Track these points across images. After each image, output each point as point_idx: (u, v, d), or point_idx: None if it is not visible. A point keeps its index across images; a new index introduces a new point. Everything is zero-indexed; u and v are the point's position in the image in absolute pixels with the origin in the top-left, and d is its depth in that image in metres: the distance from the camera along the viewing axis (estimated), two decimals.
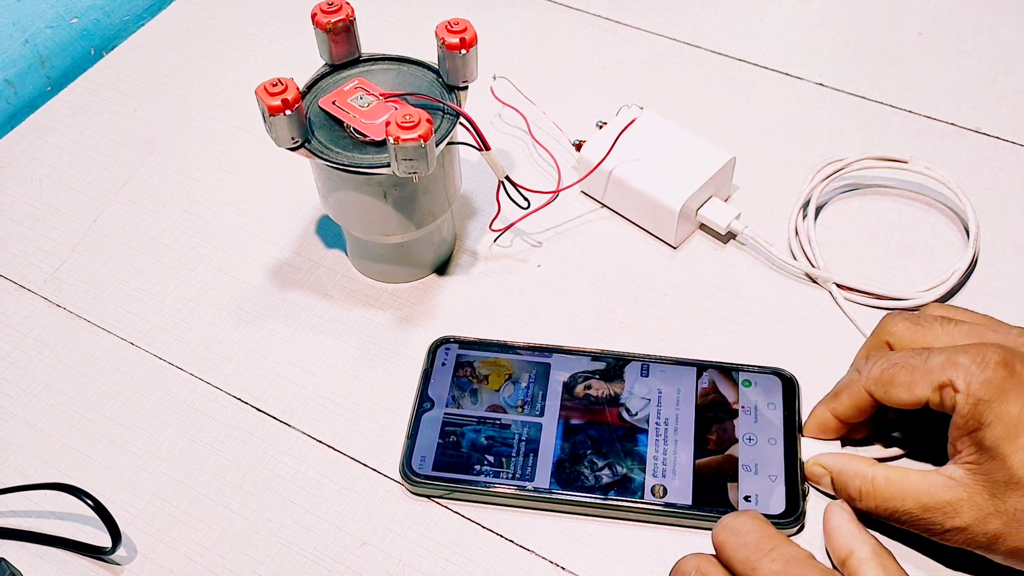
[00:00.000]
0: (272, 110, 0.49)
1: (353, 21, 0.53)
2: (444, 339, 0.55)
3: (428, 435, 0.51)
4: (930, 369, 0.44)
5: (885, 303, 0.56)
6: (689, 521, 0.48)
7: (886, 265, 0.58)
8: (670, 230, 0.58)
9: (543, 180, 0.63)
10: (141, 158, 0.67)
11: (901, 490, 0.45)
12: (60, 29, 0.76)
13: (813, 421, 0.50)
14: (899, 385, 0.45)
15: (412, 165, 0.49)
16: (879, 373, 0.46)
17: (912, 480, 0.45)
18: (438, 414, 0.52)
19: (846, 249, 0.59)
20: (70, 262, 0.61)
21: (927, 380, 0.44)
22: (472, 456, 0.50)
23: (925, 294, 0.55)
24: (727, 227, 0.58)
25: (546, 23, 0.74)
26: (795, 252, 0.58)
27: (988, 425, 0.42)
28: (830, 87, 0.68)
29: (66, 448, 0.53)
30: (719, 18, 0.73)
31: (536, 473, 0.49)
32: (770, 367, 0.52)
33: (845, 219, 0.60)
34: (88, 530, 0.50)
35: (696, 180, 0.58)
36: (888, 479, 0.45)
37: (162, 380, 0.56)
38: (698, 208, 0.59)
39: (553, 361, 0.53)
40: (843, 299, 0.56)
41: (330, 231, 0.62)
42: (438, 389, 0.53)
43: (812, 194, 0.60)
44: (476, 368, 0.53)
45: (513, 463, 0.50)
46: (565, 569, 0.48)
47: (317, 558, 0.49)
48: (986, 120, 0.65)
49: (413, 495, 0.50)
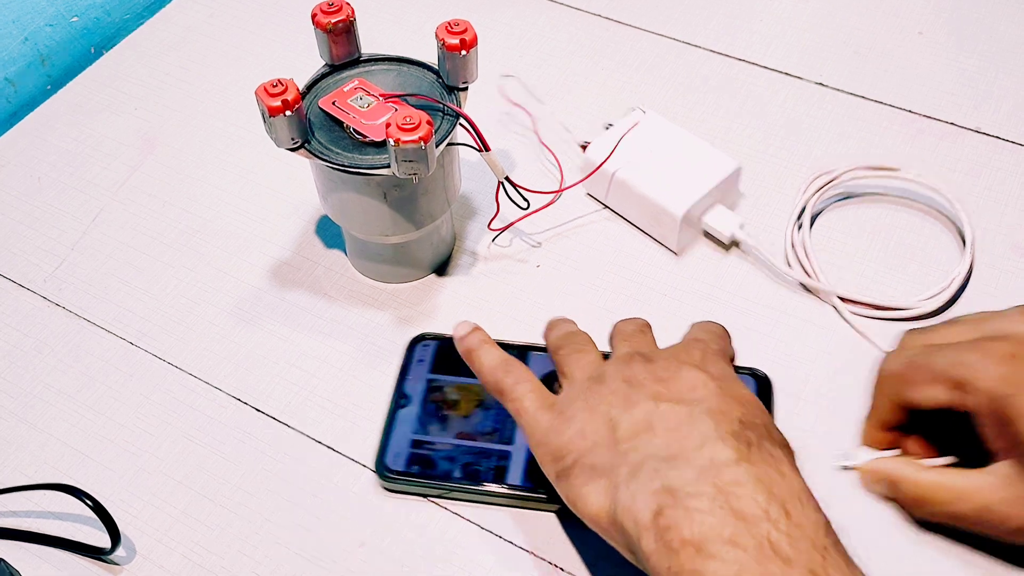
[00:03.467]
0: (272, 111, 0.49)
1: (353, 21, 0.53)
2: (421, 336, 0.55)
3: (403, 432, 0.51)
4: (937, 368, 0.44)
5: (887, 313, 0.55)
6: None
7: (884, 273, 0.58)
8: (672, 236, 0.58)
9: (547, 180, 0.63)
10: (141, 157, 0.67)
11: (958, 493, 0.44)
12: (60, 27, 0.76)
13: (864, 439, 0.50)
14: (909, 383, 0.45)
15: (412, 166, 0.48)
16: (889, 371, 0.47)
17: (966, 481, 0.44)
18: (414, 411, 0.52)
19: (843, 259, 0.58)
20: (69, 261, 0.61)
21: (937, 380, 0.44)
22: (446, 454, 0.50)
23: (927, 302, 0.55)
24: (730, 236, 0.58)
25: (547, 23, 0.74)
26: (791, 263, 0.58)
27: (1019, 418, 0.42)
28: (830, 87, 0.68)
29: (65, 448, 0.53)
30: (719, 17, 0.73)
31: (509, 472, 0.50)
32: (746, 367, 0.52)
33: (840, 229, 0.60)
34: (87, 530, 0.50)
35: (701, 188, 0.57)
36: (942, 484, 0.45)
37: (161, 380, 0.56)
38: (702, 215, 0.58)
39: (530, 361, 0.53)
40: (848, 312, 0.56)
41: (330, 231, 0.62)
42: (414, 386, 0.53)
43: (807, 205, 0.59)
44: (446, 394, 0.53)
45: (485, 463, 0.50)
46: (564, 570, 0.48)
47: (315, 559, 0.49)
48: (986, 120, 0.65)
49: (388, 492, 0.51)
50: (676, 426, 0.41)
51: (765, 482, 0.38)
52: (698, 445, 0.40)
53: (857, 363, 0.53)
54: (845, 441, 0.50)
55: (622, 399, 0.43)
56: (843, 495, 0.49)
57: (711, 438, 0.40)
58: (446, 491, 0.50)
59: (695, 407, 0.41)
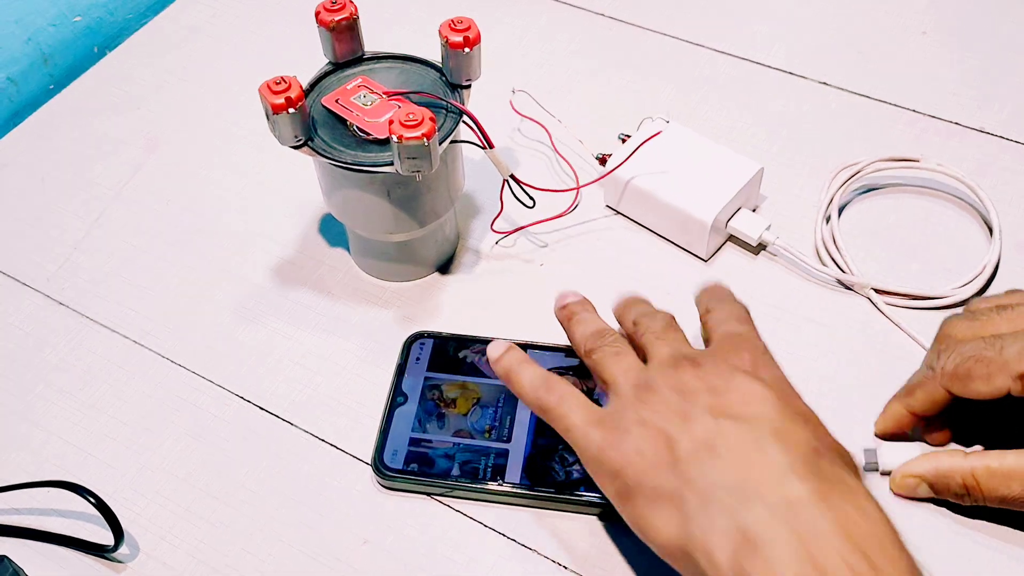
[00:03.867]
0: (275, 108, 0.49)
1: (356, 19, 0.53)
2: (418, 334, 0.55)
3: (401, 430, 0.51)
4: (1007, 360, 0.44)
5: (923, 303, 0.56)
6: None
7: (912, 264, 0.58)
8: (701, 243, 0.58)
9: (563, 197, 0.62)
10: (144, 156, 0.67)
11: (1005, 475, 0.45)
12: (63, 27, 0.76)
13: (889, 417, 0.50)
14: (977, 378, 0.45)
15: (415, 164, 0.48)
16: (953, 368, 0.46)
17: (1012, 462, 0.45)
18: (411, 409, 0.52)
19: (871, 251, 0.58)
20: (72, 260, 0.61)
21: (1006, 371, 0.44)
22: (444, 452, 0.50)
23: (962, 290, 0.55)
24: (758, 238, 0.58)
25: (549, 21, 0.74)
26: (824, 260, 0.58)
27: None
28: (834, 86, 0.68)
29: (68, 446, 0.53)
30: (723, 17, 0.73)
31: (507, 469, 0.50)
32: None
33: (866, 221, 0.60)
34: (91, 528, 0.50)
35: (726, 192, 0.57)
36: (988, 467, 0.45)
37: (164, 378, 0.56)
38: (728, 220, 0.58)
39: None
40: (883, 304, 0.56)
41: (333, 229, 0.62)
42: (412, 384, 0.53)
43: (833, 199, 0.59)
44: (444, 392, 0.53)
45: (483, 461, 0.50)
46: (568, 568, 0.48)
47: (319, 556, 0.49)
48: (990, 119, 0.65)
49: (386, 489, 0.50)
50: (741, 450, 0.40)
51: (845, 526, 0.37)
52: (769, 478, 0.38)
53: (896, 356, 0.53)
54: None
55: (676, 413, 0.41)
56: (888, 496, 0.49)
57: (783, 470, 0.38)
58: (444, 489, 0.50)
59: (758, 427, 0.40)
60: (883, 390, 0.51)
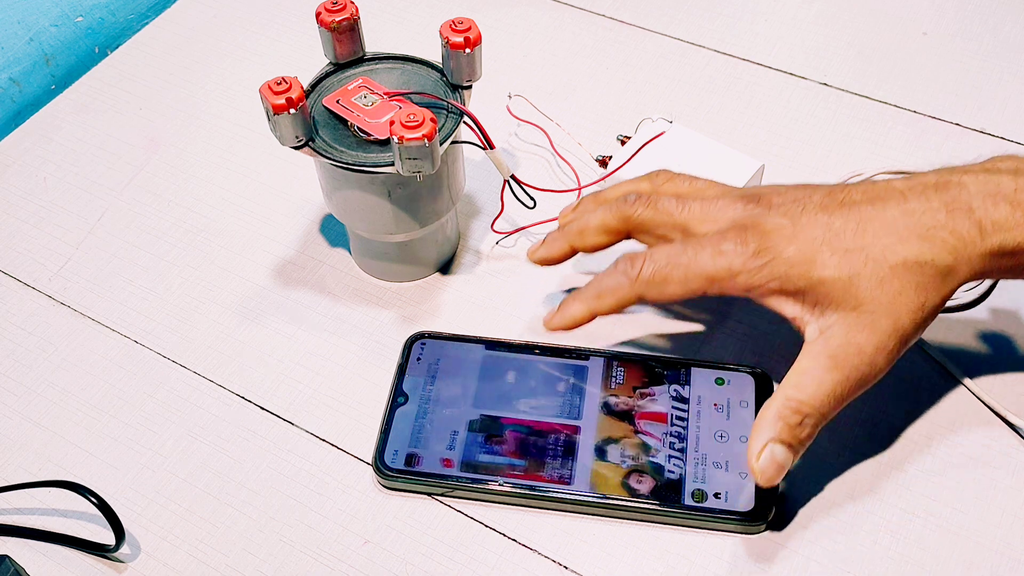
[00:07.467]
0: (276, 109, 0.49)
1: (357, 20, 0.53)
2: (419, 334, 0.55)
3: (401, 430, 0.51)
4: (702, 264, 0.46)
5: None
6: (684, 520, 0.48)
7: None
8: None
9: (564, 198, 0.62)
10: (145, 156, 0.67)
11: (836, 360, 0.45)
12: (65, 27, 0.76)
13: (567, 317, 0.51)
14: (673, 283, 0.47)
15: (416, 164, 0.49)
16: (651, 275, 0.48)
17: (821, 349, 0.45)
18: (412, 409, 0.52)
19: None
20: (74, 260, 0.62)
21: (702, 275, 0.47)
22: (444, 452, 0.50)
23: (966, 294, 0.55)
24: None
25: (550, 22, 0.74)
26: None
27: (810, 288, 0.45)
28: (834, 87, 0.68)
29: (70, 446, 0.53)
30: (723, 18, 0.73)
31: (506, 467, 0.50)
32: (745, 365, 0.52)
33: None
34: (92, 527, 0.50)
35: None
36: (810, 371, 0.45)
37: (166, 378, 0.56)
38: None
39: (538, 365, 0.53)
40: None
41: (334, 230, 0.62)
42: (413, 384, 0.53)
43: None
44: (443, 391, 0.53)
45: (483, 460, 0.50)
46: (568, 568, 0.48)
47: (320, 556, 0.49)
48: (991, 120, 0.65)
49: (386, 489, 0.51)
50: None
51: None
52: None
53: None
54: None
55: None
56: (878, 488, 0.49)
57: None
58: (444, 489, 0.50)
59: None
60: (881, 390, 0.51)
